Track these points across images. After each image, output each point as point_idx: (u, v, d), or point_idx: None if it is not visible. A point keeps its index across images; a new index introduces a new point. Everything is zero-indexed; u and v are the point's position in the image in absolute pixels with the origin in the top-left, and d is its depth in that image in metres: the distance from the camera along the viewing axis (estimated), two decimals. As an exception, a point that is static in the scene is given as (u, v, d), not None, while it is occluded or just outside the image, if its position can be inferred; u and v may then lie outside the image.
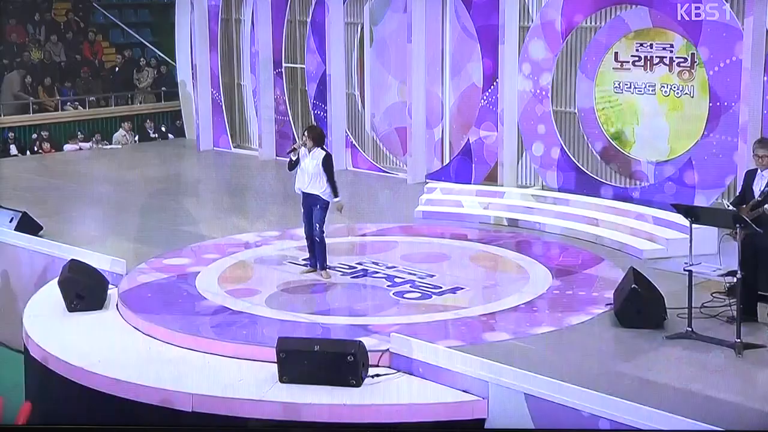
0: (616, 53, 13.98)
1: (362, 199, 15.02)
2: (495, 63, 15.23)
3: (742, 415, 7.49)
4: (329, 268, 11.00)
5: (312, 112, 17.94)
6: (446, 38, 16.04)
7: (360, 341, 8.47)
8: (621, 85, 14.01)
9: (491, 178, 15.51)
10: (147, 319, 9.69)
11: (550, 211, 13.36)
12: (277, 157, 18.45)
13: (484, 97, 15.51)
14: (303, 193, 10.89)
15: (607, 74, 14.10)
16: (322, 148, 10.79)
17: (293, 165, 10.89)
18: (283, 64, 18.27)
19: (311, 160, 10.73)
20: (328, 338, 8.88)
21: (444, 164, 16.27)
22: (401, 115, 16.64)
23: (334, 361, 8.23)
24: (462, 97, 16.02)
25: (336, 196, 10.77)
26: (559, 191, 14.28)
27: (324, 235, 10.89)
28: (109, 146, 20.30)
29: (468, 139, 15.79)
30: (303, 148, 10.80)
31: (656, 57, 13.62)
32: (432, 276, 11.01)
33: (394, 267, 11.36)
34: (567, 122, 14.63)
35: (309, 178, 10.74)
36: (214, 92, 19.48)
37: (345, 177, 16.89)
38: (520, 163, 15.25)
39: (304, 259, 11.49)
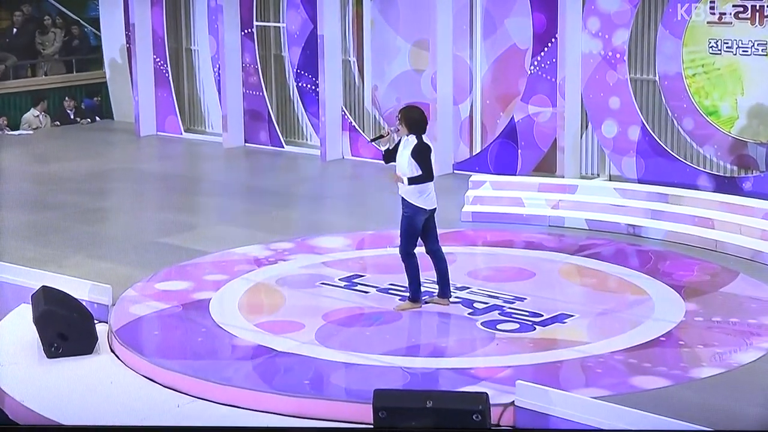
0: (711, 3, 13.57)
1: (376, 198, 14.46)
2: (550, 18, 14.72)
3: None
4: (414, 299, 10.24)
5: (295, 84, 17.49)
6: (477, -14, 15.64)
7: (485, 393, 7.79)
8: (719, 43, 13.63)
9: (544, 168, 15.02)
10: (163, 365, 8.96)
11: (644, 209, 12.92)
12: (247, 144, 17.76)
13: (535, 63, 14.93)
14: None
15: (700, 30, 13.69)
16: (419, 137, 9.90)
17: (390, 156, 10.11)
18: (255, 23, 17.72)
19: (404, 150, 9.95)
20: (442, 390, 8.17)
21: (475, 151, 15.70)
22: (413, 87, 16.23)
23: (454, 421, 7.60)
24: (498, 62, 15.59)
25: (409, 183, 9.87)
26: (638, 183, 13.79)
27: (408, 256, 10.11)
28: (17, 132, 19.42)
29: (512, 118, 15.18)
30: (395, 134, 10.05)
31: (768, 7, 13.30)
32: (521, 299, 10.39)
33: (466, 288, 10.71)
34: (647, 93, 14.17)
35: (403, 174, 9.98)
36: (158, 60, 18.92)
37: (343, 169, 16.53)
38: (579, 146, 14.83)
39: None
